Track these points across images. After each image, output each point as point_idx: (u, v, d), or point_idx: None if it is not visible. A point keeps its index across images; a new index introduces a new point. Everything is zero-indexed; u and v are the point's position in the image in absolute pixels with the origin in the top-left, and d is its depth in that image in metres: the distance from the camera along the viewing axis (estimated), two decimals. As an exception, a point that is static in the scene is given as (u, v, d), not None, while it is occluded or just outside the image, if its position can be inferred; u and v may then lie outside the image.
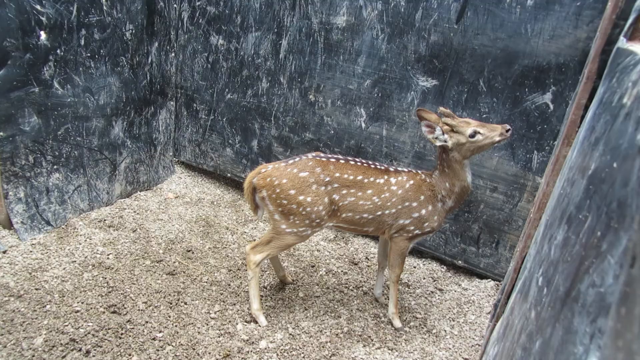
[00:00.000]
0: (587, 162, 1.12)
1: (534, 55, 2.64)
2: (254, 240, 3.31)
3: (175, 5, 3.78)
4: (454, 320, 2.76)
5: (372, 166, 2.49)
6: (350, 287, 2.95)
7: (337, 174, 2.40)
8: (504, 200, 2.94)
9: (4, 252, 2.85)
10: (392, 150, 3.20)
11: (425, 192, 2.45)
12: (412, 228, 2.48)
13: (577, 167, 1.23)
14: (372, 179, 2.44)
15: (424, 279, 3.11)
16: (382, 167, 2.50)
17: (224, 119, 3.86)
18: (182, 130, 4.11)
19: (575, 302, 0.88)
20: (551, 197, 1.67)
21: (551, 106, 2.67)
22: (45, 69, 2.98)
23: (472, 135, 2.30)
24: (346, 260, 3.21)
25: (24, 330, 2.36)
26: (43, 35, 2.91)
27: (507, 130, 2.28)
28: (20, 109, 2.92)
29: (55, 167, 3.16)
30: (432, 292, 2.99)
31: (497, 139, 2.29)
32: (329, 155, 2.49)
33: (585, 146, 1.23)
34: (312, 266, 3.11)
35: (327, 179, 2.39)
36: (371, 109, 3.20)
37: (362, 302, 2.82)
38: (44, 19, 2.88)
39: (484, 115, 2.84)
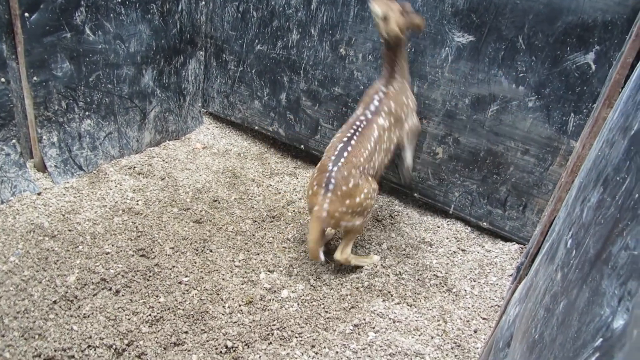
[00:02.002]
0: (629, 123, 1.06)
1: (579, 11, 2.48)
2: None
3: (205, -49, 3.68)
4: (474, 281, 2.76)
5: (361, 127, 2.60)
6: (373, 244, 2.97)
7: (360, 159, 2.52)
8: (534, 164, 2.86)
9: (39, 193, 2.96)
10: (422, 108, 3.12)
11: None
12: None
13: (618, 127, 1.17)
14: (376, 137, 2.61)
15: (447, 239, 3.10)
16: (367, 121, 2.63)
17: (253, 71, 3.81)
18: (211, 81, 4.10)
19: (606, 264, 0.86)
20: (587, 159, 1.61)
21: (593, 67, 2.53)
22: (77, 14, 2.97)
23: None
24: (370, 216, 3.22)
25: (57, 268, 2.48)
26: (77, -22, 2.89)
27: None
28: (52, 55, 2.95)
29: (87, 113, 3.22)
30: (454, 252, 2.98)
31: None
32: (330, 158, 2.52)
33: (629, 106, 1.17)
34: (336, 221, 3.14)
35: (360, 167, 2.50)
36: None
37: (384, 258, 2.85)
38: (75, -40, 2.86)
39: (521, 75, 2.73)
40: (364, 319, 2.42)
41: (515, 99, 2.81)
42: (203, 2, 3.81)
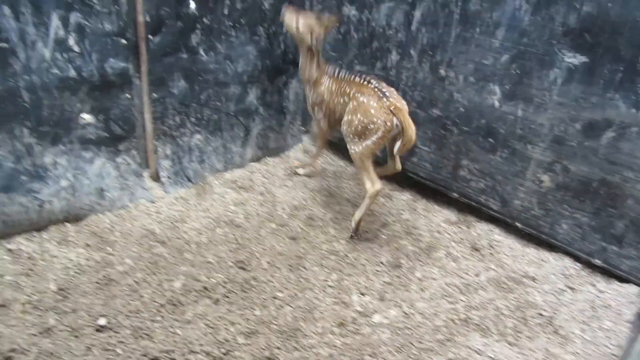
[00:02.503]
0: None
1: None
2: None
3: (311, -26, 3.80)
4: (585, 324, 2.53)
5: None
6: (470, 274, 2.84)
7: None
8: (660, 198, 2.57)
9: (152, 202, 3.21)
10: (527, 133, 2.95)
11: None
12: None
13: None
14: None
15: (554, 274, 2.88)
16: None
17: (351, 91, 3.85)
18: (310, 101, 4.21)
19: None
20: None
21: None
22: (193, 37, 3.21)
23: None
24: (467, 245, 3.09)
25: (165, 273, 2.65)
26: (193, 4, 3.13)
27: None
28: (170, 74, 3.20)
29: (197, 128, 3.45)
30: (562, 290, 2.76)
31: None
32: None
33: None
34: (431, 247, 3.04)
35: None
36: (507, 87, 2.97)
37: (483, 291, 2.71)
38: (194, -12, 3.09)
39: (641, 98, 2.49)
40: (460, 354, 2.31)
41: (635, 125, 2.56)
42: (307, 24, 3.93)
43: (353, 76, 3.00)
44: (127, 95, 3.06)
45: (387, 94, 2.79)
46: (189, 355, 2.22)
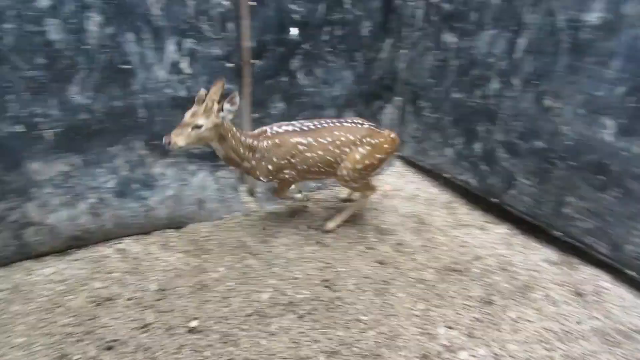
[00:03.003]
0: None
1: None
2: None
3: (411, 2, 3.83)
4: None
5: None
6: (571, 321, 2.60)
7: None
8: None
9: (247, 215, 3.36)
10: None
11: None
12: None
13: None
14: None
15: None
16: None
17: (448, 119, 3.79)
18: (405, 126, 4.19)
19: None
20: None
21: None
22: (293, 61, 3.36)
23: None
24: (569, 288, 2.84)
25: (254, 284, 2.74)
26: (295, 31, 3.28)
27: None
28: (270, 95, 3.38)
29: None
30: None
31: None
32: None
33: None
34: (528, 287, 2.84)
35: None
36: (622, 121, 2.73)
37: (585, 341, 2.47)
38: (296, 16, 3.25)
39: None
40: (557, 406, 2.11)
41: None
42: (405, 51, 3.96)
43: (318, 123, 2.96)
44: (230, 115, 3.26)
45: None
46: (271, 367, 2.26)
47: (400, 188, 3.93)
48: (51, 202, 2.83)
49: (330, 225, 3.26)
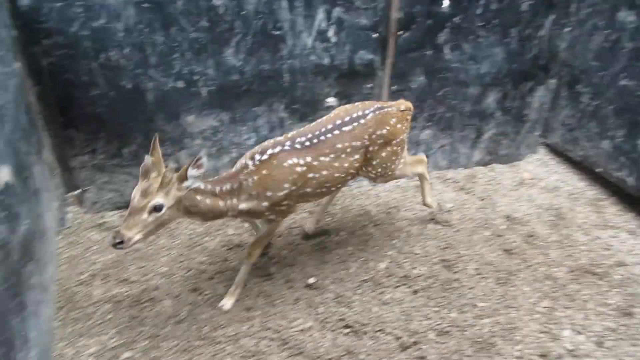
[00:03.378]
0: None
1: None
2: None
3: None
4: None
5: None
6: None
7: None
8: None
9: (374, 186, 3.41)
10: None
11: None
12: None
13: None
14: None
15: None
16: None
17: (610, 107, 3.35)
18: (557, 112, 3.80)
19: None
20: None
21: None
22: (440, 35, 3.24)
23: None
24: None
25: (373, 253, 2.81)
26: (447, 2, 3.15)
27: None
28: (412, 68, 3.31)
29: (428, 124, 3.50)
30: None
31: None
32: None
33: None
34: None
35: None
36: None
37: None
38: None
39: None
40: None
41: None
42: (568, 29, 3.56)
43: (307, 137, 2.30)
44: (369, 85, 3.30)
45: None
46: (379, 333, 2.32)
47: (541, 177, 3.62)
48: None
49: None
